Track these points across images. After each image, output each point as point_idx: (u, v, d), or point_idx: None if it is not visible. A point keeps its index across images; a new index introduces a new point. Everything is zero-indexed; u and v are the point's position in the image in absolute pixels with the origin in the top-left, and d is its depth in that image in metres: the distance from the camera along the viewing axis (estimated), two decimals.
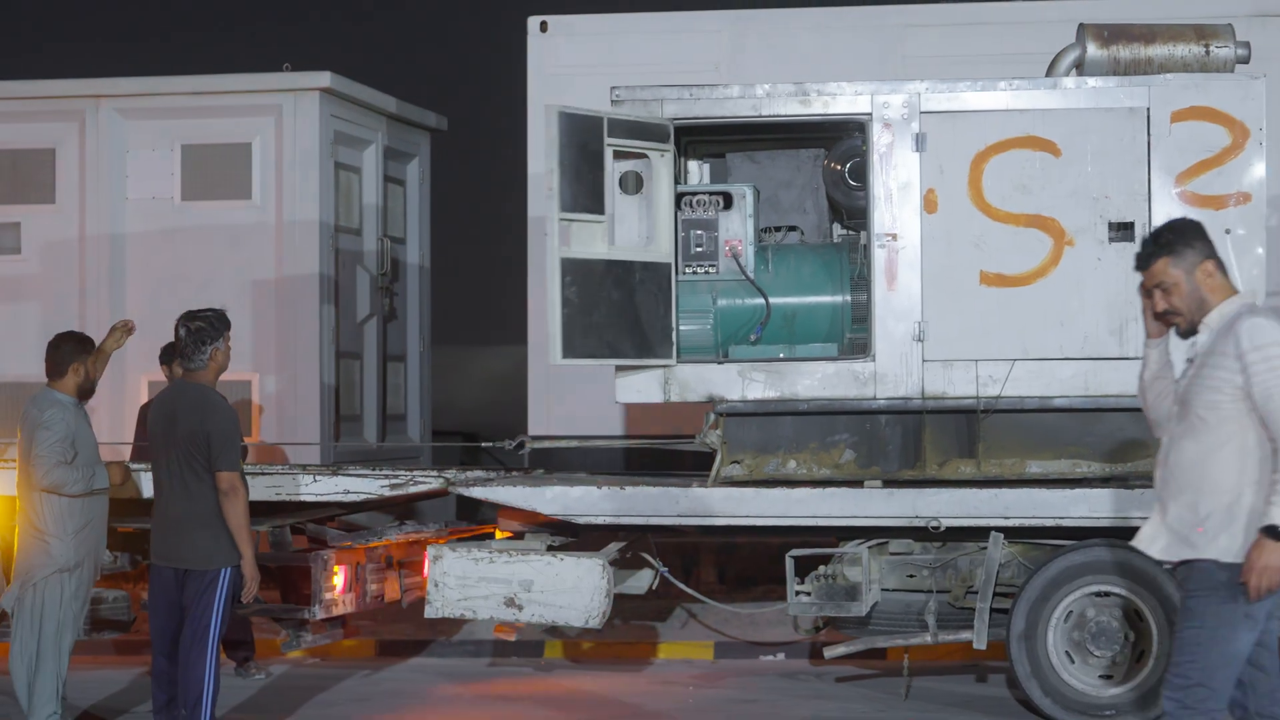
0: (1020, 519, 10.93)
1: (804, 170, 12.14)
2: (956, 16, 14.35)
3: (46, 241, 15.10)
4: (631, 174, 11.39)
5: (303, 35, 24.98)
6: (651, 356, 11.26)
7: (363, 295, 15.42)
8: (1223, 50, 11.29)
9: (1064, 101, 11.19)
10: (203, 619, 9.62)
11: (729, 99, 11.42)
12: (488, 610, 11.12)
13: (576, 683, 12.84)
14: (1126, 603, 10.90)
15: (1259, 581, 7.06)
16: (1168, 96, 11.10)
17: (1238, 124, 11.06)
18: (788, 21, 14.85)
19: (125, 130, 15.05)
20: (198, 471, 9.62)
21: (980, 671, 12.85)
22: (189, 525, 9.63)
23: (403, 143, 16.09)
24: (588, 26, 15.05)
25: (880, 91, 11.28)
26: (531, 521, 11.50)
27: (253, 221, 14.81)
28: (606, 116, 11.14)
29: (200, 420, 9.61)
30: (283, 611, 11.92)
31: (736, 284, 11.48)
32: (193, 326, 9.76)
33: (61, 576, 10.18)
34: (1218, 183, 11.06)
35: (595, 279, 11.04)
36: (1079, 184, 11.15)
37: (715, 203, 11.51)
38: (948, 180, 11.22)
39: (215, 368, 9.81)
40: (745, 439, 11.41)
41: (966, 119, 11.24)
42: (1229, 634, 7.16)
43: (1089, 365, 11.12)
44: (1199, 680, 7.17)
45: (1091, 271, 11.13)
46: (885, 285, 11.20)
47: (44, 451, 10.10)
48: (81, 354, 10.40)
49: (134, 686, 12.62)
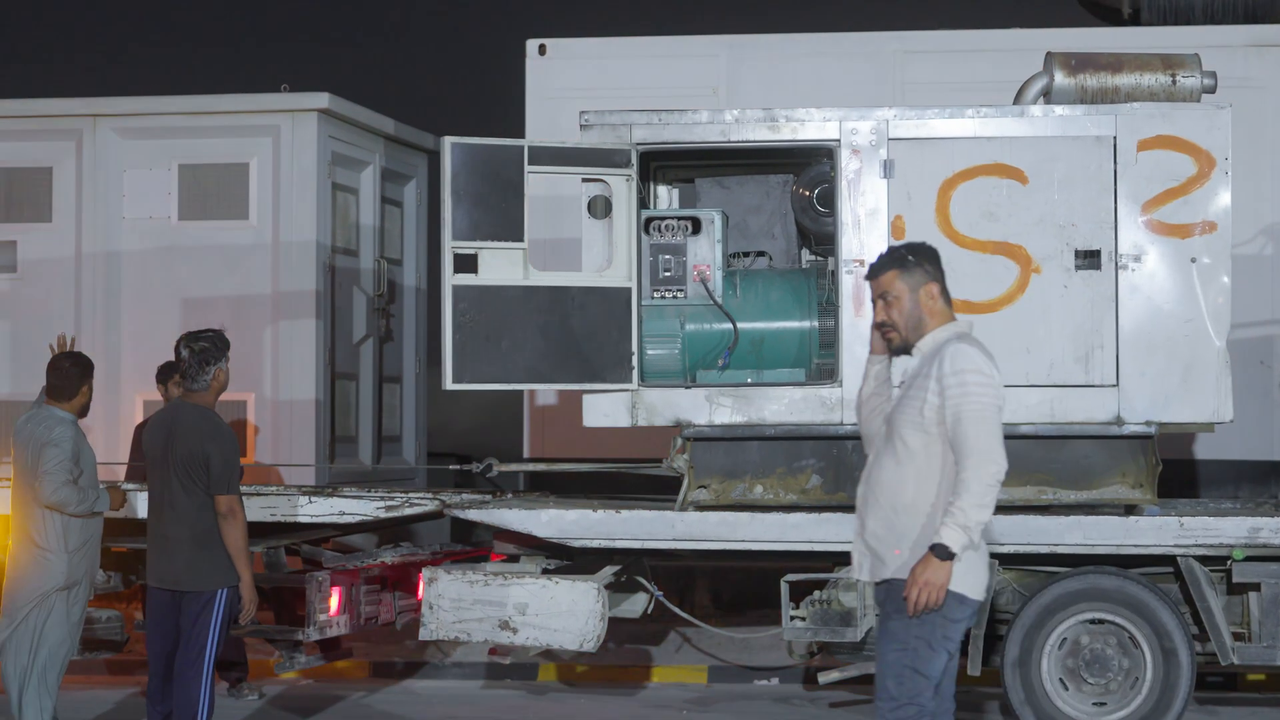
0: (1015, 545, 10.92)
1: (773, 196, 12.16)
2: (955, 43, 14.37)
3: (43, 260, 15.08)
4: (600, 199, 11.42)
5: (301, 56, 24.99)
6: (600, 381, 11.28)
7: (359, 316, 15.41)
8: (1189, 80, 11.30)
9: (1031, 129, 11.18)
10: (198, 640, 9.59)
11: (698, 124, 11.41)
12: (482, 633, 11.11)
13: (570, 706, 12.83)
14: (1121, 630, 10.90)
15: (919, 596, 7.17)
16: (1134, 125, 11.10)
17: (1204, 153, 11.06)
18: (786, 47, 14.87)
19: (122, 149, 15.03)
20: (195, 493, 9.60)
21: (974, 698, 12.84)
22: (185, 546, 9.60)
23: (400, 164, 16.09)
24: (586, 50, 15.08)
25: (849, 118, 11.27)
26: (526, 544, 11.49)
27: (250, 241, 14.79)
28: (527, 145, 11.20)
29: (200, 442, 9.60)
30: (277, 633, 11.91)
31: (704, 309, 11.48)
32: (196, 347, 9.75)
33: (57, 595, 10.18)
34: (1184, 211, 11.06)
35: (508, 306, 11.11)
36: (1046, 212, 11.13)
37: (684, 227, 11.51)
38: (915, 207, 11.20)
39: (216, 388, 9.81)
40: (712, 464, 11.39)
41: (935, 146, 11.23)
42: (929, 654, 7.23)
43: (1055, 392, 11.10)
44: (907, 700, 7.27)
45: (1058, 299, 11.11)
46: (853, 311, 11.18)
47: (52, 468, 10.11)
48: (87, 377, 10.46)
49: (126, 706, 12.61)
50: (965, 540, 7.13)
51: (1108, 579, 10.94)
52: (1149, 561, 11.06)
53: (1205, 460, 14.20)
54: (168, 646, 9.71)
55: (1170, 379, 11.03)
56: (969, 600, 7.27)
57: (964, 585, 7.25)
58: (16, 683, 10.18)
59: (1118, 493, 11.15)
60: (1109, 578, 10.94)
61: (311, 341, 14.65)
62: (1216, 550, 10.83)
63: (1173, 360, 11.04)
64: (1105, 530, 10.86)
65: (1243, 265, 14.04)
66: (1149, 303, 11.06)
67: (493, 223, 11.13)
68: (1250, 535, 10.78)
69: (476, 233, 11.12)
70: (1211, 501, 12.71)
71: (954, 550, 7.13)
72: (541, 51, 14.88)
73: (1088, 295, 11.07)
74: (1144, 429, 11.04)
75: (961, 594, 7.24)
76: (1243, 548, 10.79)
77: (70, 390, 10.37)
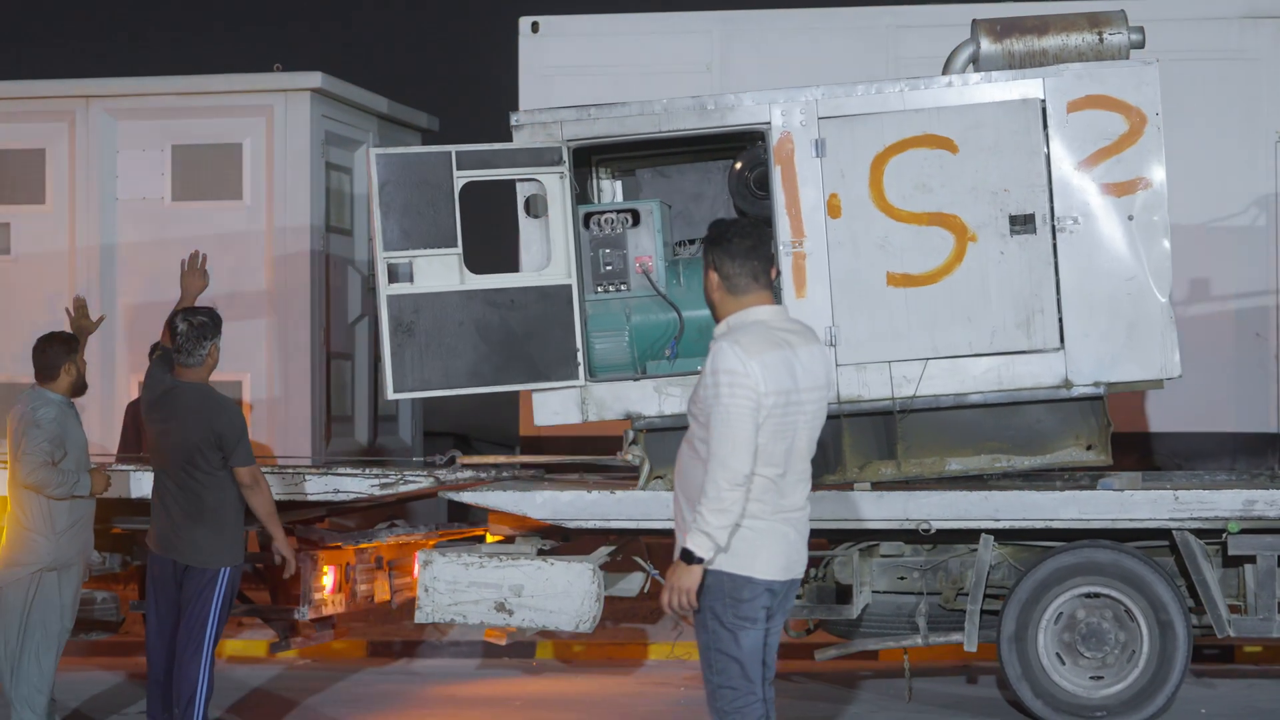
0: (1010, 521, 10.93)
1: (714, 182, 12.16)
2: (948, 18, 14.31)
3: (36, 242, 15.07)
4: (539, 198, 11.41)
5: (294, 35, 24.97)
6: (546, 380, 11.30)
7: (354, 296, 15.39)
8: (1115, 37, 11.21)
9: (958, 98, 11.11)
10: (199, 618, 9.60)
11: (629, 116, 11.36)
12: (478, 615, 11.11)
13: (568, 684, 12.84)
14: (1117, 604, 10.91)
15: (671, 599, 7.22)
16: (1062, 87, 11.04)
17: (1134, 110, 10.99)
18: (778, 22, 14.84)
19: (116, 130, 15.01)
20: (202, 471, 9.62)
21: (971, 673, 12.86)
22: (190, 524, 9.63)
23: (394, 143, 16.04)
24: (579, 27, 15.05)
25: (777, 100, 11.24)
26: (522, 525, 11.49)
27: (243, 222, 14.78)
28: (454, 150, 11.22)
29: (208, 420, 9.62)
30: (272, 613, 11.92)
31: (649, 300, 11.45)
32: (195, 321, 9.77)
33: (45, 575, 10.16)
34: (1117, 170, 10.99)
35: (446, 311, 11.17)
36: (978, 179, 11.06)
37: (623, 220, 11.48)
38: (849, 184, 11.15)
39: (210, 365, 9.83)
40: (666, 453, 11.32)
41: (864, 122, 11.16)
42: (725, 637, 7.27)
43: (1000, 360, 11.05)
44: (719, 684, 7.34)
45: (995, 266, 11.05)
46: (795, 293, 11.15)
47: (31, 449, 10.11)
48: (70, 354, 10.39)
49: (122, 687, 12.62)
50: (710, 545, 7.13)
51: (1103, 553, 10.95)
52: (1144, 535, 11.07)
53: (1201, 433, 14.19)
54: (169, 619, 9.70)
55: (1115, 338, 10.98)
56: (757, 581, 7.26)
57: (749, 568, 7.24)
58: (8, 664, 10.17)
59: (1071, 455, 11.14)
60: (1104, 552, 10.95)
61: (306, 321, 14.64)
62: (1212, 523, 10.84)
63: (1116, 319, 10.98)
64: (1100, 504, 10.86)
65: (1239, 237, 14.05)
66: (1088, 263, 10.99)
67: (425, 230, 11.19)
68: (1245, 508, 10.78)
69: (408, 241, 11.18)
70: (1207, 474, 12.70)
71: (700, 555, 7.13)
72: (534, 29, 14.86)
73: (1024, 260, 11.01)
74: (1093, 390, 11.01)
75: (747, 576, 7.24)
76: (1238, 520, 10.79)
77: (53, 370, 10.35)
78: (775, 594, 7.34)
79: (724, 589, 7.24)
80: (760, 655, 7.38)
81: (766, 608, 7.32)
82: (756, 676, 7.35)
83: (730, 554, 7.22)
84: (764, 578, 7.28)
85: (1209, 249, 14.08)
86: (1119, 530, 10.99)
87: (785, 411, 7.25)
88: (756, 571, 7.26)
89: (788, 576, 7.37)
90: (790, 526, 7.36)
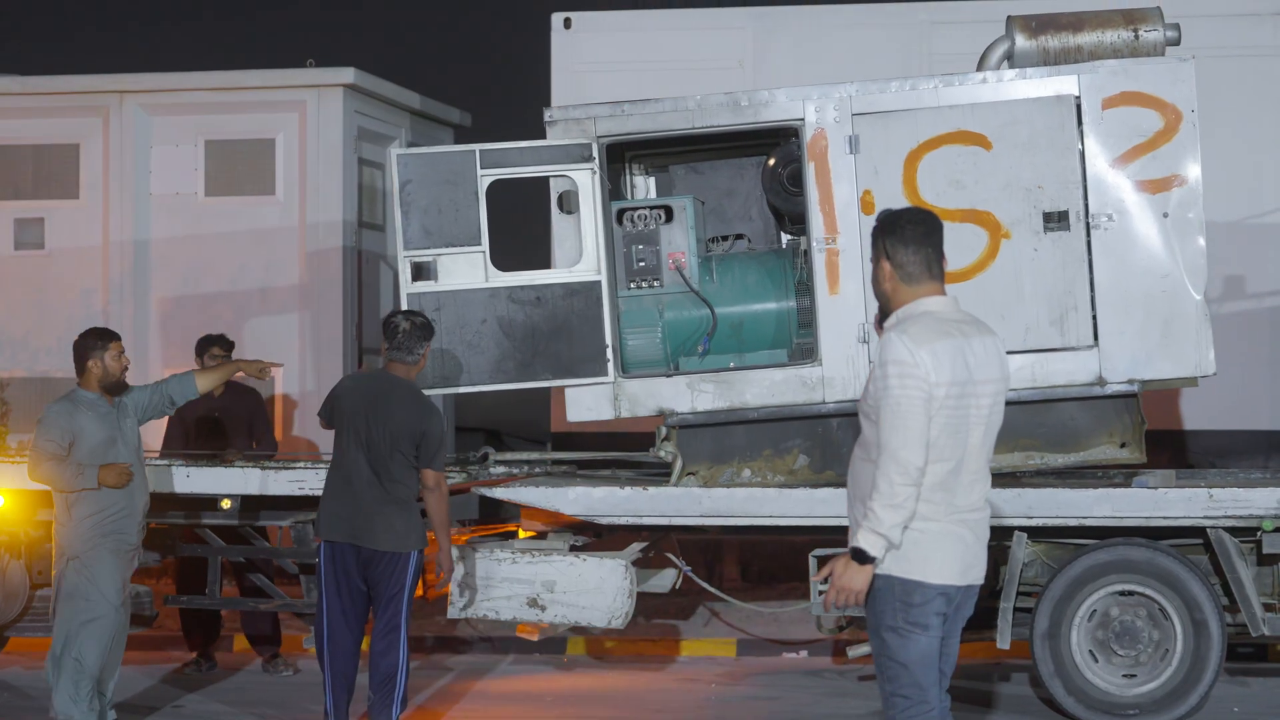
0: (1044, 518, 10.90)
1: (747, 178, 12.14)
2: (985, 14, 14.25)
3: (70, 236, 15.12)
4: (571, 194, 11.40)
5: (327, 31, 25.00)
6: (576, 375, 11.32)
7: (386, 291, 15.42)
8: (1151, 34, 11.17)
9: (992, 94, 11.09)
10: (395, 602, 10.07)
11: (662, 113, 11.36)
12: (511, 611, 11.14)
13: (599, 680, 12.84)
14: (1151, 602, 10.87)
15: (834, 597, 7.01)
16: (1097, 83, 11.01)
17: (1170, 107, 10.96)
18: (812, 18, 14.83)
19: (149, 125, 15.06)
20: (402, 462, 10.02)
21: (1003, 670, 12.83)
22: (386, 509, 10.02)
23: (427, 139, 16.07)
24: (612, 23, 15.06)
25: (811, 97, 11.22)
26: (554, 521, 11.50)
27: (276, 217, 14.82)
28: (478, 149, 11.26)
29: (419, 419, 10.05)
30: (307, 608, 11.93)
31: (682, 296, 11.47)
32: (417, 320, 10.26)
33: (72, 563, 10.17)
34: (1153, 167, 10.96)
35: (471, 309, 11.27)
36: (1011, 176, 11.05)
37: (656, 216, 11.49)
38: (883, 180, 11.13)
39: (422, 364, 10.32)
40: (699, 450, 11.37)
41: (898, 118, 11.15)
42: (894, 644, 7.06)
43: (1034, 357, 11.02)
44: (891, 691, 7.12)
45: (1029, 263, 11.04)
46: (827, 289, 11.15)
47: (36, 443, 10.19)
48: (97, 348, 10.30)
49: (157, 683, 12.63)
50: (882, 543, 6.88)
51: (1137, 550, 10.91)
52: (1178, 533, 11.03)
53: (1236, 430, 14.15)
54: (358, 607, 10.12)
55: (1150, 336, 10.95)
56: (930, 585, 7.01)
57: (921, 572, 7.00)
58: (52, 666, 10.24)
59: (1105, 453, 11.12)
60: (1139, 549, 10.91)
61: (339, 316, 14.67)
62: (1246, 521, 10.79)
63: (1151, 317, 10.96)
64: (1134, 502, 10.83)
65: (1274, 234, 13.99)
66: (1123, 260, 10.96)
67: (449, 228, 11.23)
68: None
69: (430, 240, 11.24)
70: (1241, 472, 12.65)
71: (872, 554, 6.90)
72: (567, 25, 14.86)
73: (1058, 257, 11.00)
74: (1127, 388, 10.99)
75: (919, 580, 7.00)
76: (1273, 519, 10.74)
77: (79, 365, 10.37)
78: (950, 599, 7.08)
79: (894, 593, 7.01)
80: (934, 663, 7.12)
81: (941, 614, 7.07)
82: (930, 684, 7.09)
83: (900, 557, 6.96)
84: (938, 582, 7.02)
85: (1244, 246, 14.04)
86: (1153, 528, 10.95)
87: (959, 404, 6.98)
88: (929, 576, 7.00)
89: (965, 581, 7.10)
90: (966, 528, 7.07)
